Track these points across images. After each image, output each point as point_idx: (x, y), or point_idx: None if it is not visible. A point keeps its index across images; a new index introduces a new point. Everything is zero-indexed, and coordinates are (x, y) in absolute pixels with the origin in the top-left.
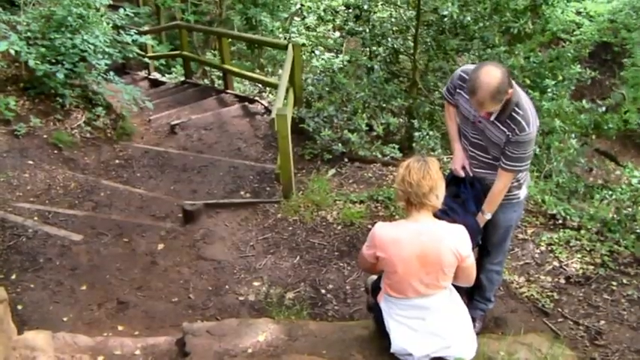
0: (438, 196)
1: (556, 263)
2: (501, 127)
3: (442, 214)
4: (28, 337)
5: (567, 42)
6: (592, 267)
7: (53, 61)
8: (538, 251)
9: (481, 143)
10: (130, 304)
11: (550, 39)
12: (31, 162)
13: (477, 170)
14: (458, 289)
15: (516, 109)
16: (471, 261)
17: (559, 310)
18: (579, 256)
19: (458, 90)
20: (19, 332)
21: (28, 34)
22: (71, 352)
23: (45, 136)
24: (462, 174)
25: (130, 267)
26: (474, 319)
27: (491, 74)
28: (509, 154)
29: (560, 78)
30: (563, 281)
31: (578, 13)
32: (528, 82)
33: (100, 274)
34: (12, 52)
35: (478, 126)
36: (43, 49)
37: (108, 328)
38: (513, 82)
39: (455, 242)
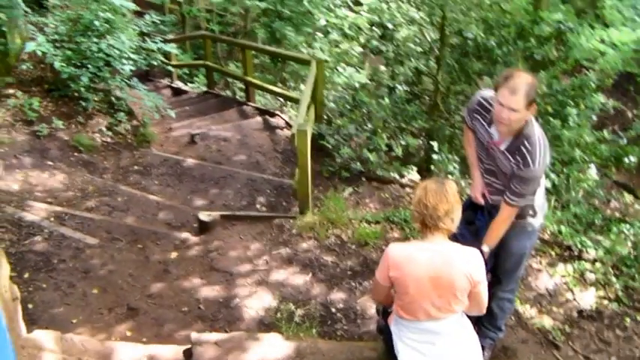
0: (454, 219)
1: (569, 295)
2: (509, 158)
3: (452, 238)
4: (37, 336)
5: (590, 70)
6: (606, 301)
7: (78, 64)
8: (552, 282)
9: (494, 170)
10: (140, 311)
11: (573, 67)
12: (50, 163)
13: (493, 197)
14: (468, 316)
15: (526, 142)
16: (483, 287)
17: (570, 343)
18: (593, 289)
19: (475, 115)
20: (29, 331)
21: (55, 36)
22: (78, 354)
23: (66, 138)
24: (481, 201)
25: (143, 274)
26: (483, 348)
27: (529, 75)
28: (513, 188)
29: (582, 107)
30: (575, 314)
31: (602, 41)
32: (550, 109)
33: (113, 278)
34: (39, 53)
35: (491, 153)
36: (68, 52)
37: (116, 333)
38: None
39: (468, 266)
